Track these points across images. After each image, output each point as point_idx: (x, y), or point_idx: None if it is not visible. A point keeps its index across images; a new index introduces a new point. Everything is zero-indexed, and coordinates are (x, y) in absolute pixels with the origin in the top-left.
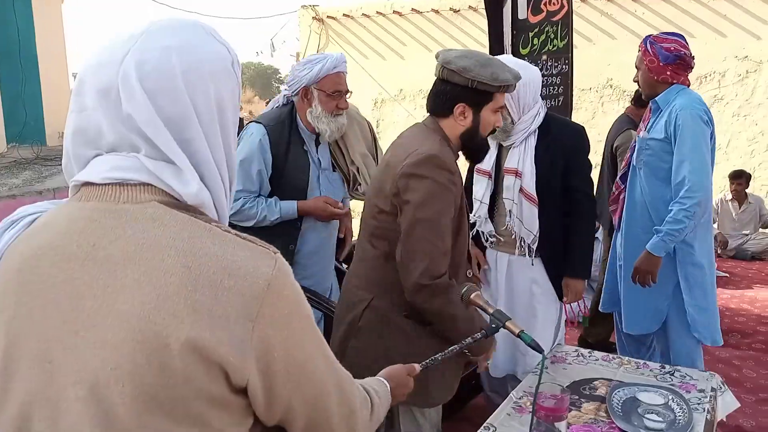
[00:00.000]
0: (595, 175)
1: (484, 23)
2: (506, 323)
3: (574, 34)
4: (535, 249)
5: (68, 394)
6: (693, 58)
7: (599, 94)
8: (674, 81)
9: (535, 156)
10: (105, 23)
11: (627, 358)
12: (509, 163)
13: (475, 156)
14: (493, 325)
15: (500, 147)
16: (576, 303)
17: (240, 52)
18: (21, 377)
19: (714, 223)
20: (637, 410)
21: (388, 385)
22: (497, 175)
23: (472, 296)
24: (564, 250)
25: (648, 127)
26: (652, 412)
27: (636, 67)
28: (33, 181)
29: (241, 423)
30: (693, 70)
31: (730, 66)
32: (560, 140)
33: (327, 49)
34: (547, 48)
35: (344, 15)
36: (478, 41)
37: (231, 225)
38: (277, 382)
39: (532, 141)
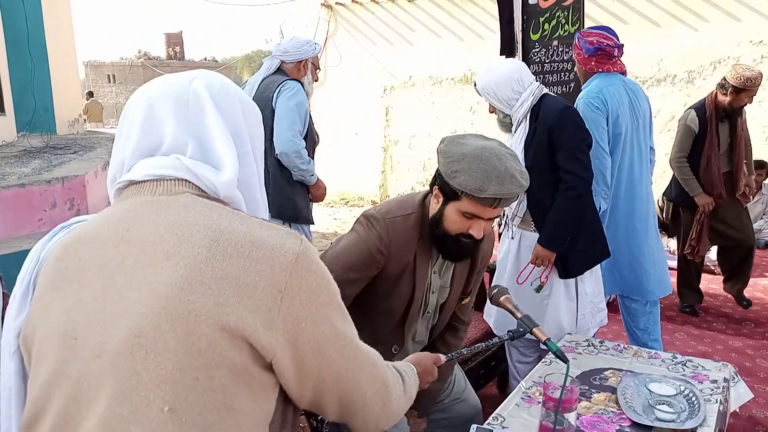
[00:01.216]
0: None
1: (494, 8)
2: (533, 329)
3: (585, 18)
4: (514, 225)
5: (91, 368)
6: (619, 47)
7: None
8: (599, 70)
9: (527, 140)
10: (113, 11)
11: (638, 348)
12: None
13: (440, 249)
14: (521, 329)
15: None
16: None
17: (249, 40)
18: (47, 358)
19: None
20: (648, 401)
21: (415, 369)
22: None
23: (501, 299)
24: (543, 222)
25: None
26: (663, 403)
27: (574, 60)
28: (42, 169)
29: (262, 408)
30: (618, 57)
31: (744, 51)
32: (545, 121)
33: (336, 36)
34: (557, 33)
35: (353, 1)
36: (489, 27)
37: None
38: (306, 355)
39: (524, 125)
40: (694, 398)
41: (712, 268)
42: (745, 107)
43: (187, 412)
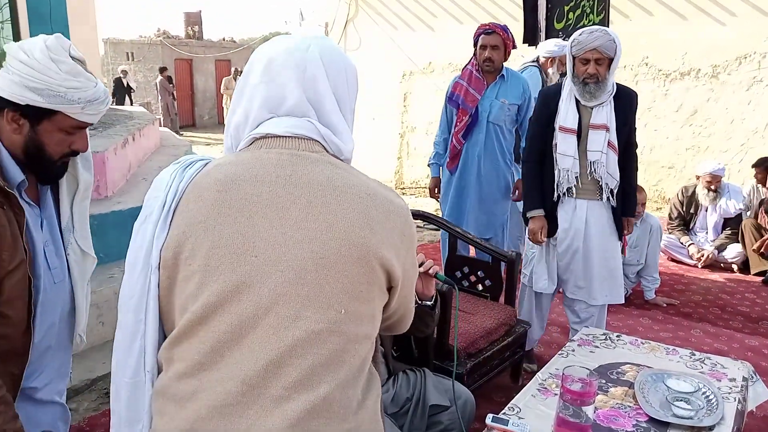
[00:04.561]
0: None
1: None
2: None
3: (611, 9)
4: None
5: (275, 279)
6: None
7: (634, 72)
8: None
9: (616, 114)
10: None
11: (656, 343)
12: (597, 119)
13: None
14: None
15: (579, 108)
16: None
17: (269, 22)
18: (222, 270)
19: (748, 210)
20: (666, 397)
21: None
22: (579, 132)
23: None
24: (622, 194)
25: None
26: (681, 400)
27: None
28: None
29: (381, 317)
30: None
31: None
32: (627, 102)
33: (356, 20)
34: (582, 23)
35: None
36: (512, 15)
37: None
38: (405, 281)
39: (612, 102)
40: (712, 396)
41: (731, 265)
42: None
43: (353, 314)
